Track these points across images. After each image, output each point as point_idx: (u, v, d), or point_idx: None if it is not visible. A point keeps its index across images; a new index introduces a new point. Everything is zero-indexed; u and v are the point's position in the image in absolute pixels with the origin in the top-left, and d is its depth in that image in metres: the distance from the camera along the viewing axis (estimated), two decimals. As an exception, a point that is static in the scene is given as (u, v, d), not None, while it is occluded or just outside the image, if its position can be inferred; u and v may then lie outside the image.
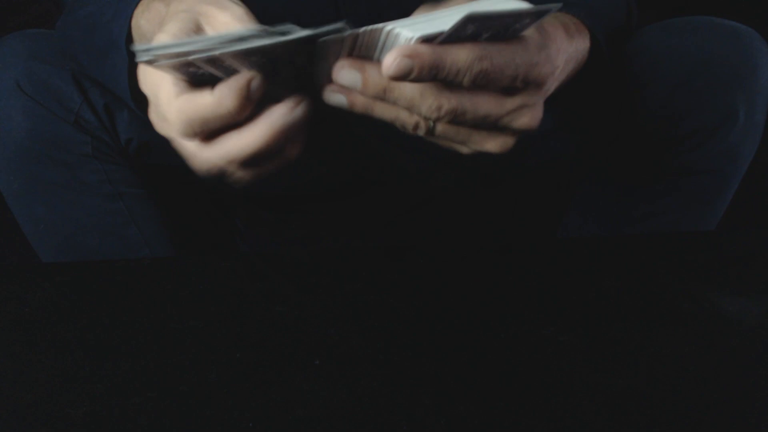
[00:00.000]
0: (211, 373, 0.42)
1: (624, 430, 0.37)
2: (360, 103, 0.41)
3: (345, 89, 0.41)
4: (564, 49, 0.48)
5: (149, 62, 0.38)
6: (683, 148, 0.64)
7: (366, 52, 0.40)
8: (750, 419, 0.38)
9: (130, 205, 0.67)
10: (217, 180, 0.42)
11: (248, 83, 0.38)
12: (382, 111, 0.42)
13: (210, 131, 0.40)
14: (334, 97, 0.41)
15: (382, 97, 0.40)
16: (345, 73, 0.40)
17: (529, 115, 0.42)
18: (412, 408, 0.39)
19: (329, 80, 0.41)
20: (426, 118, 0.41)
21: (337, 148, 0.69)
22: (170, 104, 0.39)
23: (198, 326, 0.47)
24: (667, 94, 0.62)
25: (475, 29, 0.37)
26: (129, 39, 0.49)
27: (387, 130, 0.45)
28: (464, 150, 0.44)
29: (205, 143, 0.40)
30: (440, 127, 0.42)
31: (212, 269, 0.56)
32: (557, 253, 0.57)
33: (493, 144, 0.43)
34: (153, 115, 0.44)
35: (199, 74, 0.39)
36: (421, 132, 0.42)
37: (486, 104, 0.40)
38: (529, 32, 0.41)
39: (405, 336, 0.46)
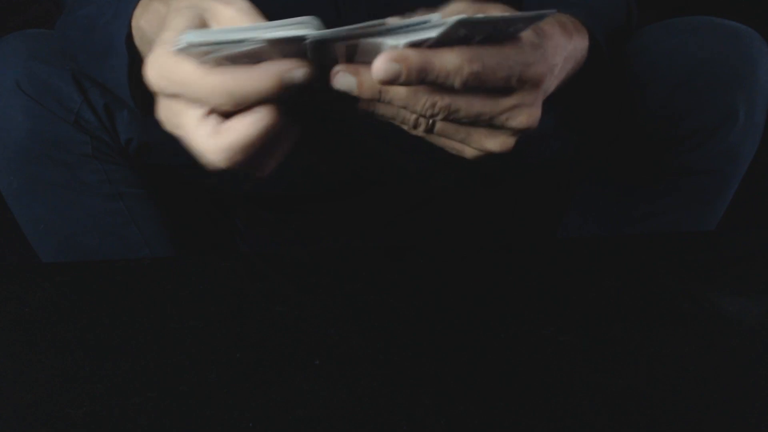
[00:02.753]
0: (211, 373, 0.42)
1: (624, 430, 0.37)
2: (360, 103, 0.42)
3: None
4: (562, 47, 0.48)
5: (184, 50, 0.38)
6: (683, 148, 0.64)
7: (360, 57, 0.40)
8: (750, 419, 0.38)
9: (130, 205, 0.67)
10: (228, 174, 0.42)
11: (292, 69, 0.38)
12: (382, 110, 0.42)
13: (242, 106, 0.40)
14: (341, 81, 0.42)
15: (378, 99, 0.41)
16: (340, 78, 0.40)
17: (526, 114, 0.42)
18: (412, 408, 0.39)
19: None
20: (422, 116, 0.41)
21: (337, 148, 0.69)
22: (206, 79, 0.39)
23: (198, 326, 0.47)
24: (667, 94, 0.62)
25: (467, 33, 0.37)
26: (129, 40, 0.49)
27: (387, 130, 0.45)
28: (466, 150, 0.44)
29: (216, 131, 0.40)
30: (439, 125, 0.42)
31: (212, 269, 0.56)
32: (557, 253, 0.57)
33: (492, 143, 0.43)
34: (164, 111, 0.43)
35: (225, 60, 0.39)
36: (421, 129, 0.42)
37: (480, 103, 0.41)
38: (524, 32, 0.41)
39: (405, 336, 0.46)
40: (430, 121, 0.42)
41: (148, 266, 0.58)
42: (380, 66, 0.37)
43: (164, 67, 0.40)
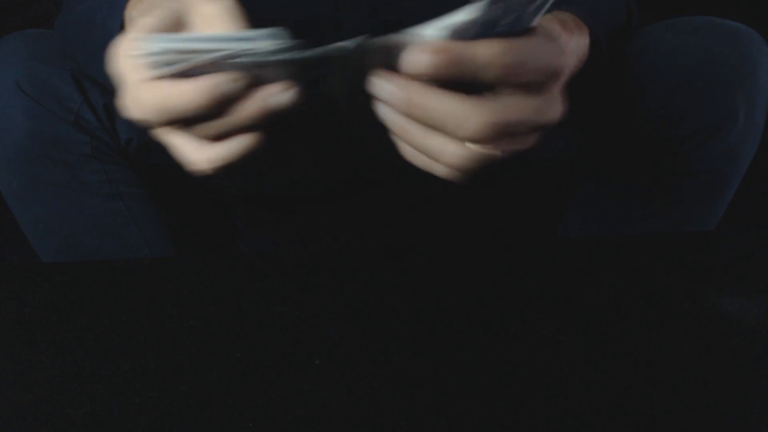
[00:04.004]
0: (211, 373, 0.42)
1: (624, 430, 0.37)
2: (397, 124, 0.39)
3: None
4: (565, 44, 0.47)
5: (141, 58, 0.36)
6: (683, 148, 0.64)
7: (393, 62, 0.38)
8: (750, 419, 0.38)
9: (130, 205, 0.67)
10: (226, 175, 0.42)
11: (223, 83, 0.36)
12: (419, 138, 0.39)
13: (184, 122, 0.38)
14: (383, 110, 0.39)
15: (418, 110, 0.38)
16: (381, 86, 0.38)
17: (553, 108, 0.41)
18: (412, 408, 0.39)
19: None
20: (469, 140, 0.38)
21: (337, 148, 0.69)
22: (139, 90, 0.38)
23: (198, 326, 0.47)
24: (667, 94, 0.62)
25: (500, 13, 0.36)
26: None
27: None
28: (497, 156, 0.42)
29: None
30: (482, 149, 0.39)
31: (212, 269, 0.56)
32: (557, 253, 0.57)
33: (521, 144, 0.41)
34: (127, 99, 0.41)
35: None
36: (466, 164, 0.39)
37: (525, 108, 0.39)
38: (539, 24, 0.41)
39: (405, 336, 0.46)
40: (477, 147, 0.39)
41: (148, 266, 0.58)
42: (415, 58, 0.36)
43: (118, 66, 0.40)
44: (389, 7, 0.59)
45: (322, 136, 0.66)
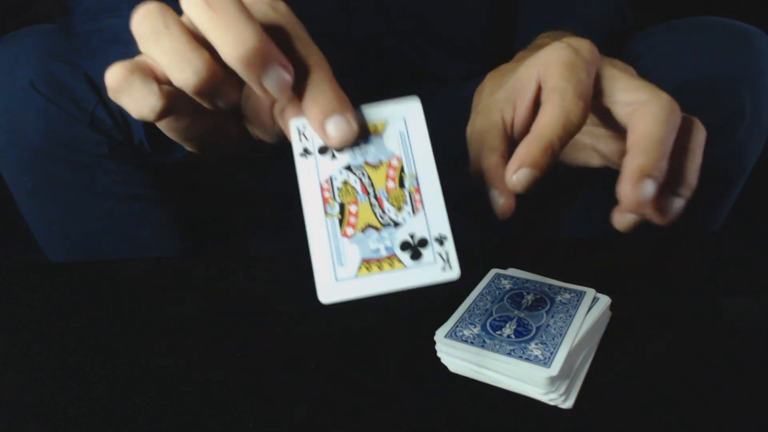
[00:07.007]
0: (211, 373, 0.42)
1: (624, 430, 0.37)
2: None
3: None
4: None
5: None
6: None
7: None
8: (750, 419, 0.38)
9: (143, 207, 0.66)
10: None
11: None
12: None
13: None
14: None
15: None
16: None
17: None
18: (412, 408, 0.39)
19: None
20: None
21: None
22: None
23: (198, 326, 0.47)
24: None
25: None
26: None
27: None
28: None
29: None
30: None
31: (213, 269, 0.56)
32: (558, 252, 0.57)
33: None
34: None
35: None
36: None
37: None
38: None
39: (405, 335, 0.46)
40: None
41: (149, 266, 0.58)
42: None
43: None
44: (396, 2, 0.59)
45: None
